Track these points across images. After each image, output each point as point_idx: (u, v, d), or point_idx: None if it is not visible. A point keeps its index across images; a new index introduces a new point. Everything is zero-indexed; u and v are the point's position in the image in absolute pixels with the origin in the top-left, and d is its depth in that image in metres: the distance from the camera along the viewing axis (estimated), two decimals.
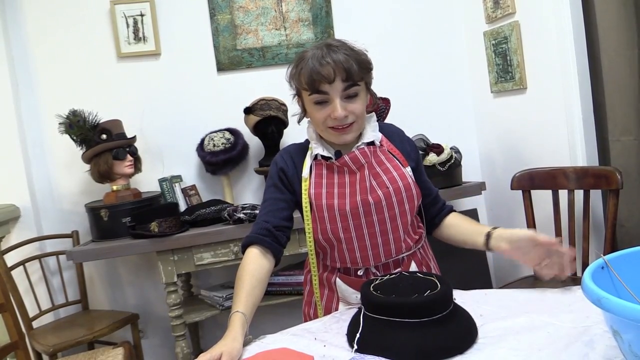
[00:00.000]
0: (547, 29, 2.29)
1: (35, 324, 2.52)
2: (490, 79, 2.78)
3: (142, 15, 2.72)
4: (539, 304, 1.18)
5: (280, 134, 2.68)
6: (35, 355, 2.40)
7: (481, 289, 1.35)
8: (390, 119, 2.50)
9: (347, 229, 1.34)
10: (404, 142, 1.47)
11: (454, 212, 1.52)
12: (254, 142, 2.75)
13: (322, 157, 1.40)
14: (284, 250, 1.40)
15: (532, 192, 2.29)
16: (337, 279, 1.41)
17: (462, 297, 1.24)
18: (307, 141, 1.46)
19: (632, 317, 0.71)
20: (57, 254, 2.65)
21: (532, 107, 2.50)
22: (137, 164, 2.58)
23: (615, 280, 0.89)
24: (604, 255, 0.91)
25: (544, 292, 1.25)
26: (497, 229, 1.33)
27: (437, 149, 2.57)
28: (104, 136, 2.45)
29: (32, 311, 2.51)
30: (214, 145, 2.61)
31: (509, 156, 2.75)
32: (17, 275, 2.49)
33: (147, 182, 2.76)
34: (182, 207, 2.62)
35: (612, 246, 2.00)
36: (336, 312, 1.35)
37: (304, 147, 1.47)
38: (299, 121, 1.46)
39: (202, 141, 2.68)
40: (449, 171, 2.57)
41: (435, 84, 3.01)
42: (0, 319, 2.14)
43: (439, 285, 1.08)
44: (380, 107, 2.52)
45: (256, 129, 2.64)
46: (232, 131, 2.69)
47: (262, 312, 2.13)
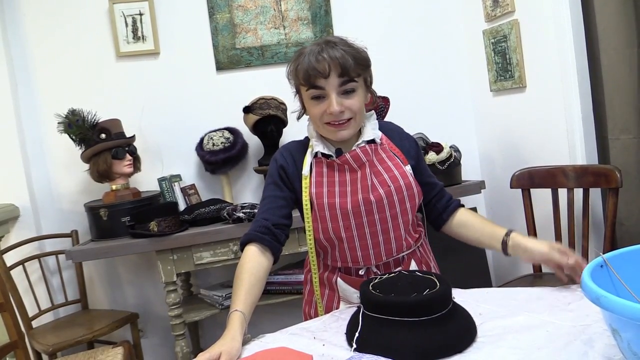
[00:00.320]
0: (546, 28, 2.29)
1: (34, 324, 2.51)
2: (489, 77, 2.77)
3: (141, 14, 2.72)
4: (538, 303, 1.18)
5: (279, 133, 2.67)
6: (34, 354, 2.40)
7: (481, 287, 1.35)
8: (389, 117, 2.50)
9: (349, 228, 1.34)
10: (403, 140, 1.47)
11: (462, 207, 1.49)
12: (253, 141, 2.74)
13: (323, 155, 1.40)
14: (283, 248, 1.40)
15: (532, 190, 2.29)
16: (339, 279, 1.41)
17: (462, 296, 1.24)
18: (307, 138, 1.46)
19: (631, 316, 0.71)
20: (56, 253, 2.65)
21: (531, 106, 2.49)
22: (136, 164, 2.58)
23: (614, 278, 0.89)
24: (604, 253, 0.91)
25: (543, 290, 1.25)
26: (512, 234, 1.34)
27: (437, 148, 2.57)
28: (103, 135, 2.44)
29: (31, 311, 2.51)
30: (213, 144, 2.61)
31: (508, 155, 2.75)
32: (17, 274, 2.49)
33: (146, 182, 2.76)
34: (182, 206, 2.62)
35: (611, 245, 2.00)
36: (335, 311, 1.34)
37: (304, 144, 1.46)
38: (299, 118, 1.46)
39: (202, 140, 2.68)
40: (448, 170, 2.57)
41: (434, 82, 3.00)
42: None
43: (438, 284, 1.08)
44: (379, 106, 2.52)
45: (255, 128, 2.64)
46: (231, 130, 2.69)
47: (261, 312, 2.13)
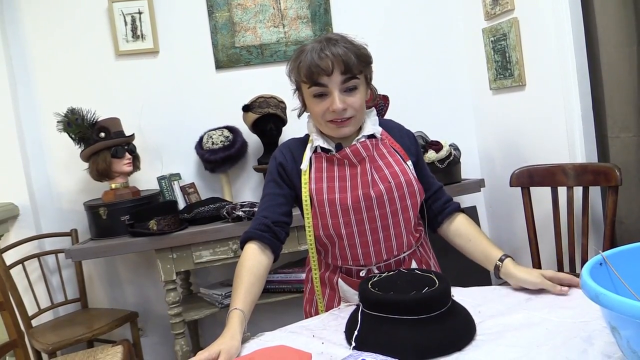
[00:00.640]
0: (546, 26, 2.28)
1: (34, 323, 2.52)
2: (489, 76, 2.77)
3: (140, 13, 2.71)
4: (538, 301, 1.18)
5: (279, 132, 2.67)
6: (34, 353, 2.40)
7: (480, 286, 1.35)
8: (389, 116, 2.49)
9: (349, 224, 1.34)
10: (403, 137, 1.46)
11: (460, 212, 1.46)
12: (252, 139, 2.74)
13: (322, 149, 1.39)
14: (283, 247, 1.40)
15: (531, 189, 2.29)
16: (339, 280, 1.41)
17: (461, 294, 1.24)
18: (307, 135, 1.45)
19: (630, 314, 0.70)
20: (56, 252, 2.65)
21: (531, 104, 2.49)
22: (135, 162, 2.58)
23: (613, 276, 0.89)
24: (603, 251, 0.90)
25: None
26: (505, 260, 1.31)
27: (436, 146, 2.57)
28: (103, 134, 2.44)
29: (31, 310, 2.51)
30: (213, 143, 2.60)
31: (508, 153, 2.75)
32: (16, 273, 2.49)
33: (145, 180, 2.75)
34: (181, 205, 2.62)
35: (611, 243, 2.00)
36: (334, 309, 1.34)
37: (303, 141, 1.46)
38: (299, 115, 1.46)
39: (201, 139, 2.68)
40: (448, 168, 2.57)
41: (434, 81, 3.00)
42: None
43: (437, 282, 1.08)
44: (379, 104, 2.52)
45: (255, 127, 2.64)
46: (230, 129, 2.69)
47: (261, 310, 2.13)
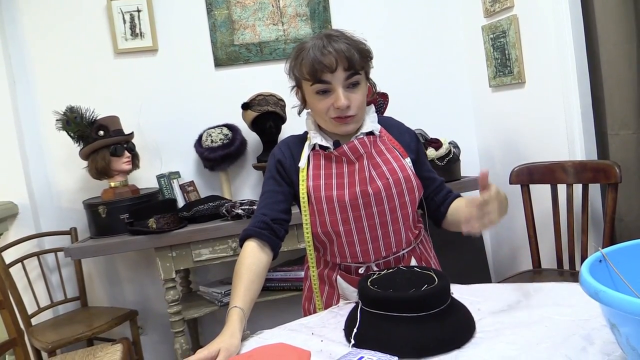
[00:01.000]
0: (545, 23, 2.28)
1: (34, 321, 2.51)
2: (488, 73, 2.77)
3: (138, 11, 2.71)
4: (537, 298, 1.18)
5: (278, 130, 2.67)
6: (34, 352, 2.40)
7: (480, 283, 1.35)
8: (388, 113, 2.47)
9: (347, 221, 1.34)
10: (403, 134, 1.46)
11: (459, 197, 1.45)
12: (252, 137, 2.74)
13: (320, 147, 1.39)
14: (283, 244, 1.40)
15: (531, 186, 2.29)
16: (338, 277, 1.41)
17: (460, 292, 1.23)
18: (306, 133, 1.45)
19: (629, 311, 0.70)
20: (55, 250, 2.65)
21: (530, 102, 2.49)
22: (134, 161, 2.58)
23: (613, 273, 0.88)
24: (602, 248, 0.90)
25: (542, 286, 1.25)
26: None
27: (436, 144, 2.56)
28: (102, 133, 2.44)
29: (30, 308, 2.51)
30: (212, 141, 2.60)
31: (507, 151, 2.75)
32: (16, 272, 2.49)
33: (145, 179, 2.75)
34: (180, 203, 2.62)
35: (610, 240, 2.00)
36: (334, 307, 1.34)
37: (302, 138, 1.46)
38: (299, 113, 1.46)
39: (200, 137, 2.68)
40: (447, 166, 2.57)
41: (433, 78, 3.00)
42: None
43: (437, 279, 1.08)
44: (378, 102, 2.51)
45: (254, 125, 2.64)
46: (230, 127, 2.68)
47: (260, 308, 2.12)
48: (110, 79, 2.74)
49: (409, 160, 1.39)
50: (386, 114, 2.48)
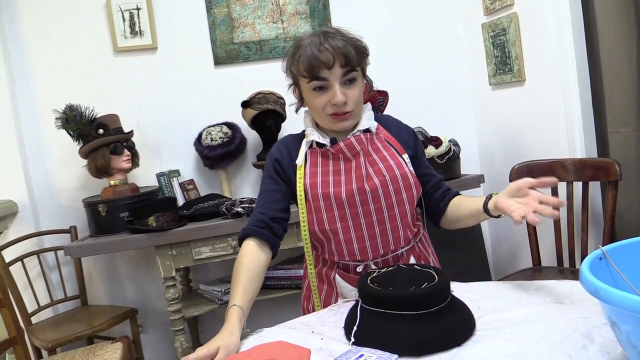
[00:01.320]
0: (545, 21, 2.28)
1: (34, 320, 2.52)
2: (488, 71, 2.76)
3: (138, 9, 2.70)
4: (537, 296, 1.17)
5: (278, 128, 2.67)
6: (34, 350, 2.40)
7: (480, 281, 1.34)
8: (388, 111, 2.49)
9: (344, 218, 1.34)
10: (400, 131, 1.45)
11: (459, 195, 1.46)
12: (251, 136, 2.74)
13: (318, 144, 1.39)
14: (282, 243, 1.40)
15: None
16: (337, 276, 1.41)
17: (460, 290, 1.23)
18: (304, 131, 1.45)
19: (630, 308, 0.70)
20: (55, 249, 2.65)
21: (530, 99, 2.49)
22: (134, 159, 2.58)
23: (613, 271, 0.88)
24: (603, 246, 0.90)
25: (543, 284, 1.25)
26: (491, 199, 1.26)
27: (436, 142, 2.56)
28: (101, 131, 2.43)
29: (30, 307, 2.51)
30: (212, 139, 2.60)
31: (507, 148, 2.74)
32: (16, 270, 2.49)
33: (144, 177, 2.75)
34: (180, 201, 2.62)
35: (611, 238, 2.00)
36: (334, 305, 1.34)
37: (299, 137, 1.46)
38: (297, 110, 1.46)
39: (200, 135, 2.67)
40: (447, 164, 2.57)
41: (433, 76, 3.00)
42: None
43: (437, 277, 1.07)
44: (378, 100, 2.51)
45: (254, 123, 2.63)
46: (229, 125, 2.68)
47: (260, 306, 2.13)
48: (109, 77, 2.73)
49: (406, 156, 1.39)
50: (386, 112, 2.50)
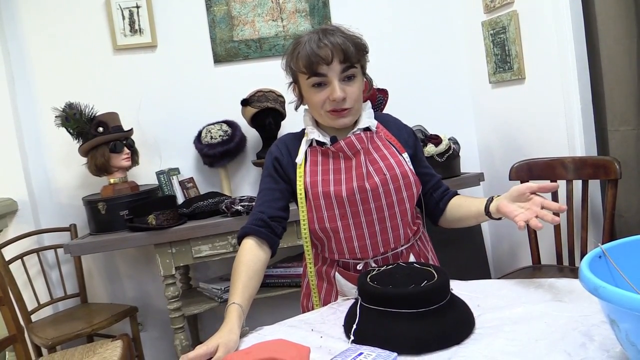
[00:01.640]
0: (545, 19, 2.27)
1: (34, 318, 2.52)
2: (488, 69, 2.76)
3: (137, 7, 2.70)
4: (537, 295, 1.18)
5: (277, 126, 2.66)
6: (34, 348, 2.41)
7: (479, 279, 1.34)
8: (388, 110, 2.49)
9: (345, 216, 1.34)
10: (400, 130, 1.46)
11: (458, 195, 1.47)
12: (251, 134, 2.74)
13: (318, 142, 1.39)
14: (281, 241, 1.40)
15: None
16: (337, 274, 1.41)
17: (460, 288, 1.23)
18: (303, 130, 1.45)
19: (629, 306, 0.70)
20: (55, 247, 2.65)
21: (530, 98, 2.48)
22: (134, 157, 2.57)
23: (612, 269, 0.88)
24: (602, 245, 0.90)
25: (542, 282, 1.25)
26: (493, 201, 1.28)
27: (435, 140, 2.56)
28: (101, 129, 2.43)
29: (30, 305, 2.51)
30: (212, 137, 2.60)
31: (507, 147, 2.74)
32: (16, 269, 2.49)
33: (144, 175, 2.75)
34: (180, 199, 2.62)
35: (610, 236, 2.00)
36: (333, 303, 1.34)
37: (299, 135, 1.46)
38: (296, 108, 1.46)
39: (200, 133, 2.67)
40: (447, 162, 2.56)
41: (433, 74, 2.99)
42: None
43: (436, 275, 1.07)
44: (378, 98, 2.51)
45: (253, 121, 2.63)
46: (229, 123, 2.68)
47: (260, 304, 2.13)
48: (109, 75, 2.73)
49: (406, 155, 1.39)
50: (386, 110, 2.50)
